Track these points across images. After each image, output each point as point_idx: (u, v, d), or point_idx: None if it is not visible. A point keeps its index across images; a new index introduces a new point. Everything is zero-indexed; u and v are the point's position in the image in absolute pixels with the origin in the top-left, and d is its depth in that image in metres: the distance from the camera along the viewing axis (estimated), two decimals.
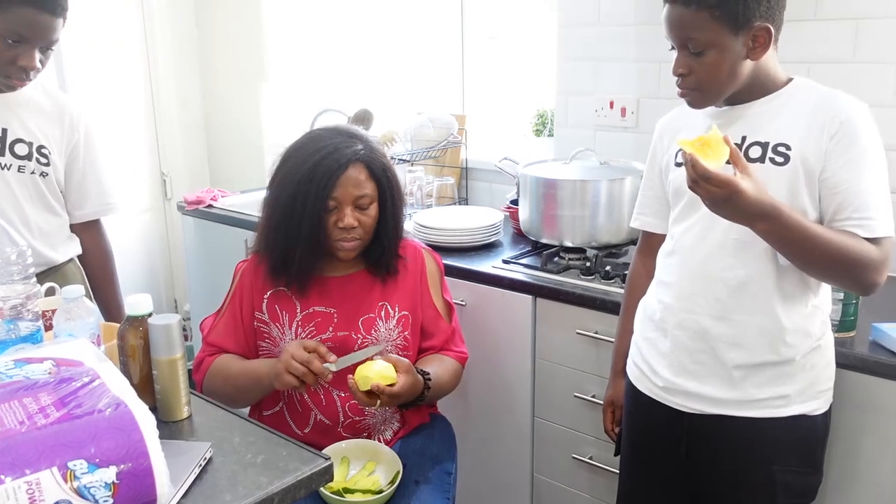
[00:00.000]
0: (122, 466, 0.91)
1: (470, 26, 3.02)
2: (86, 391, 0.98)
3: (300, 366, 1.50)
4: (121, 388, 1.00)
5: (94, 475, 0.89)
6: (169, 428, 1.25)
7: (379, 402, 1.53)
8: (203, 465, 1.11)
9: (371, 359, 1.58)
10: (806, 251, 1.29)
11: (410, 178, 2.85)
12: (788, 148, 1.35)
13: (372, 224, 1.67)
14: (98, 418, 0.93)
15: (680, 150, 1.38)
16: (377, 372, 1.52)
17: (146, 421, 0.95)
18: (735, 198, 1.21)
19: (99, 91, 3.13)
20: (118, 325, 1.31)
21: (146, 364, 1.26)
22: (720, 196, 1.22)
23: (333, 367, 1.54)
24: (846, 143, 1.31)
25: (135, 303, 1.26)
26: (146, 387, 1.26)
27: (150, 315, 1.27)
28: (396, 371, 1.55)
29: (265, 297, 1.71)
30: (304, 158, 1.63)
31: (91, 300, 1.97)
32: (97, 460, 0.89)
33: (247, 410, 1.79)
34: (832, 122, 1.32)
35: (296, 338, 1.68)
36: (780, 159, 1.35)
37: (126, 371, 1.27)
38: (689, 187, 1.25)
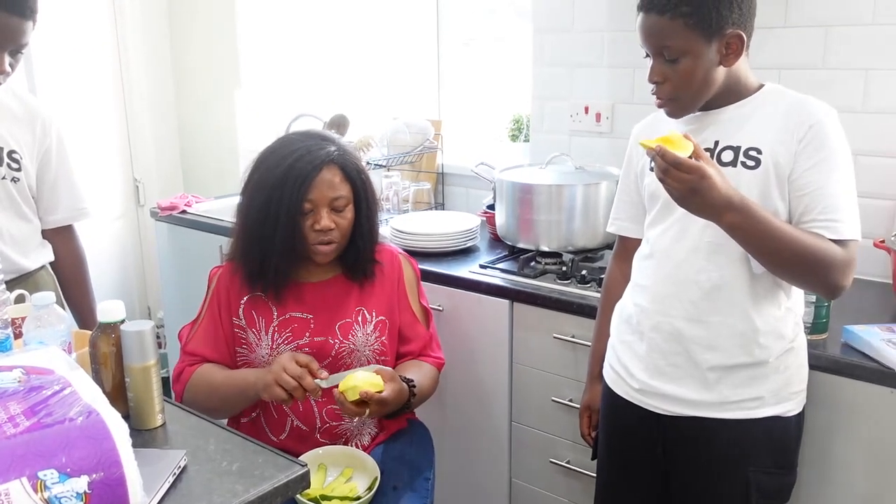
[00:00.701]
0: (93, 476, 0.89)
1: (446, 32, 3.03)
2: (56, 399, 0.96)
3: (291, 380, 1.49)
4: (93, 396, 0.98)
5: (66, 485, 0.88)
6: (142, 436, 1.23)
7: (367, 411, 1.52)
8: (177, 473, 1.10)
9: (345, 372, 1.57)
10: (772, 249, 1.31)
11: (387, 184, 2.84)
12: (759, 152, 1.37)
13: (348, 226, 1.66)
14: (69, 427, 0.91)
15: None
16: (363, 380, 1.51)
17: (119, 429, 0.93)
18: (704, 184, 1.23)
19: (70, 96, 3.09)
20: (90, 332, 1.29)
21: (119, 371, 1.25)
22: (690, 183, 1.23)
23: (324, 384, 1.52)
24: (815, 146, 1.33)
25: (107, 309, 1.24)
26: (119, 395, 1.25)
27: (122, 322, 1.25)
28: (382, 379, 1.54)
29: (242, 302, 1.70)
30: (277, 162, 1.62)
31: (64, 307, 1.95)
32: (68, 470, 0.88)
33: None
34: (801, 126, 1.34)
35: (272, 344, 1.67)
36: (751, 163, 1.37)
37: (98, 379, 1.25)
38: (660, 178, 1.27)
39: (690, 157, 1.25)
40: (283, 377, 1.49)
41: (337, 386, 1.53)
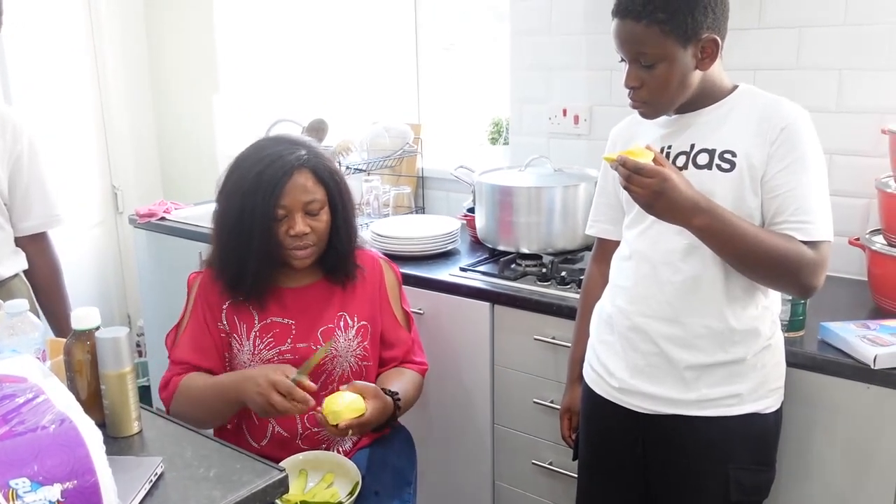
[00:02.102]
0: (66, 484, 0.88)
1: (425, 36, 3.03)
2: (29, 408, 0.95)
3: (286, 404, 1.46)
4: (66, 404, 0.97)
5: (38, 493, 0.87)
6: (119, 444, 1.22)
7: (350, 431, 1.52)
8: (154, 480, 1.09)
9: (338, 390, 1.56)
10: (742, 251, 1.32)
11: (367, 188, 2.84)
12: (734, 155, 1.38)
13: (325, 229, 1.65)
14: (41, 435, 0.90)
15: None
16: (346, 406, 1.50)
17: (92, 436, 0.92)
18: (667, 186, 1.26)
19: (47, 103, 3.05)
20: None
21: (94, 379, 1.23)
22: (653, 186, 1.26)
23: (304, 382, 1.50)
24: (787, 147, 1.35)
25: (81, 316, 1.23)
26: (95, 402, 1.23)
27: (97, 328, 1.24)
28: (364, 398, 1.54)
29: (224, 307, 1.69)
30: (249, 169, 1.61)
31: (38, 316, 1.92)
32: (41, 478, 0.87)
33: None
34: (774, 129, 1.36)
35: (254, 349, 1.66)
36: (726, 166, 1.38)
37: (73, 387, 1.24)
38: (624, 187, 1.30)
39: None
40: (277, 401, 1.46)
41: (319, 406, 1.52)
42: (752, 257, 1.33)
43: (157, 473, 1.10)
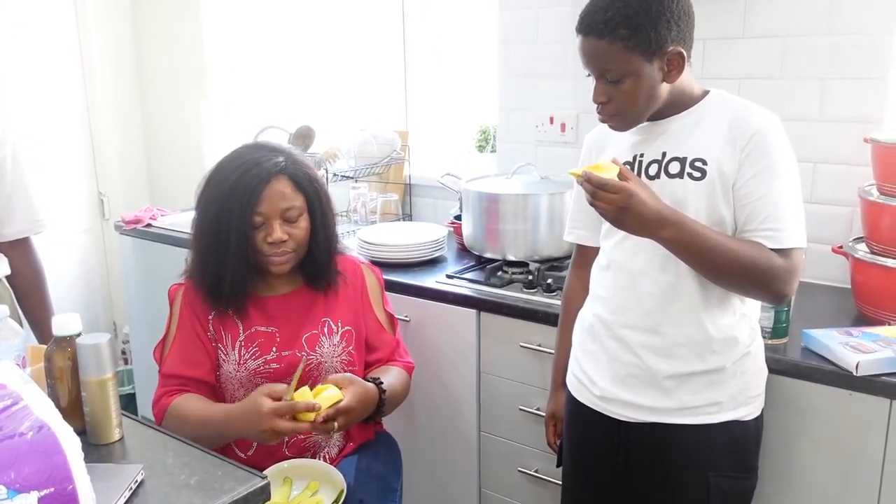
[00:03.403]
0: (44, 491, 0.88)
1: (412, 44, 3.04)
2: (7, 414, 0.94)
3: (292, 426, 1.44)
4: (45, 411, 0.96)
5: (15, 501, 0.86)
6: (99, 451, 1.21)
7: (336, 425, 1.49)
8: (134, 488, 1.08)
9: (311, 388, 1.53)
10: (712, 261, 1.33)
11: (354, 195, 2.84)
12: (705, 163, 1.38)
13: (304, 236, 1.65)
14: (19, 442, 0.89)
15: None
16: (323, 399, 1.48)
17: (70, 443, 0.92)
18: (633, 202, 1.26)
19: (33, 109, 3.03)
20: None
21: (75, 386, 1.22)
22: (619, 202, 1.26)
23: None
24: (756, 155, 1.35)
25: (62, 322, 1.22)
26: (75, 409, 1.22)
27: (78, 335, 1.23)
28: (340, 388, 1.53)
29: (210, 318, 1.68)
30: (226, 177, 1.60)
31: (21, 322, 1.91)
32: (17, 485, 0.86)
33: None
34: (743, 136, 1.35)
35: (239, 359, 1.65)
36: (697, 174, 1.38)
37: (54, 394, 1.23)
38: (590, 203, 1.30)
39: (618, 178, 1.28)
40: (285, 428, 1.44)
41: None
42: (723, 267, 1.33)
43: (137, 481, 1.09)
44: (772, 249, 1.33)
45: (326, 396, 1.50)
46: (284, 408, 1.44)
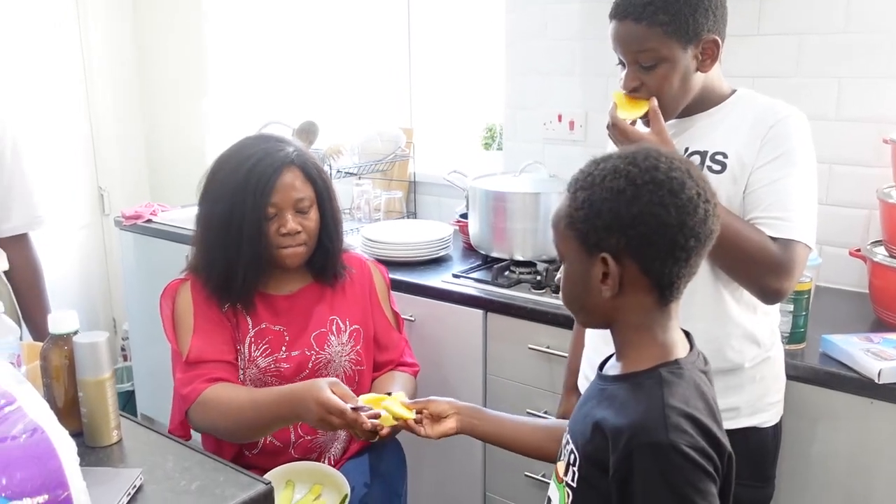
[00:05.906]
0: (37, 498, 0.84)
1: (418, 40, 3.00)
2: None
3: (341, 422, 1.37)
4: (40, 413, 0.92)
5: None
6: (97, 454, 1.17)
7: (378, 435, 1.39)
8: (132, 493, 1.05)
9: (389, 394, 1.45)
10: None
11: (358, 192, 2.80)
12: (725, 156, 1.36)
13: (315, 228, 1.61)
14: (11, 446, 0.85)
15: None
16: (392, 411, 1.38)
17: (65, 447, 0.88)
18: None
19: (34, 104, 3.00)
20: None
21: (72, 386, 1.19)
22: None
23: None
24: (774, 143, 1.33)
25: (59, 319, 1.18)
26: (72, 410, 1.19)
27: (75, 333, 1.19)
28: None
29: (223, 311, 1.62)
30: (235, 168, 1.56)
31: (19, 319, 1.87)
32: (9, 492, 0.82)
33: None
34: (765, 127, 1.34)
35: (249, 355, 1.61)
36: (717, 167, 1.37)
37: (50, 394, 1.19)
38: (607, 127, 1.38)
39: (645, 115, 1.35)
40: (332, 420, 1.37)
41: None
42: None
43: (135, 486, 1.06)
44: (772, 238, 1.29)
45: (396, 410, 1.39)
46: (334, 407, 1.35)
